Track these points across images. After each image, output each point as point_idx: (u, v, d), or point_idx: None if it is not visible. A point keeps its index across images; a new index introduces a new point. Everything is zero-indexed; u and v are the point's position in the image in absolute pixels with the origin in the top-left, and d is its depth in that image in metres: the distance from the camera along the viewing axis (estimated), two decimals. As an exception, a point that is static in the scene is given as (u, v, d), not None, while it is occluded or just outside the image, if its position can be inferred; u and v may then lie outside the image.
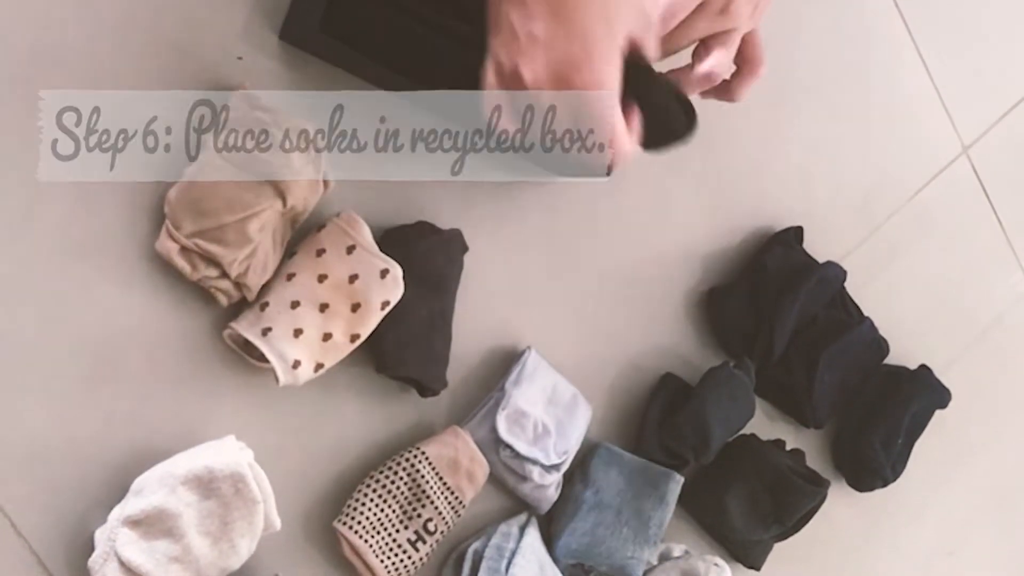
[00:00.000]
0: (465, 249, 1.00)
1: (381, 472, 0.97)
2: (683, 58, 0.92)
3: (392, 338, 0.94)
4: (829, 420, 1.25)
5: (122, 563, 0.81)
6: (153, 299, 0.88)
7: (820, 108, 1.25)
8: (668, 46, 0.95)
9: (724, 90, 0.98)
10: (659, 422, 1.13)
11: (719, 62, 0.93)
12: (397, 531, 0.96)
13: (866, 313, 1.26)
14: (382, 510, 0.96)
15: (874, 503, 1.34)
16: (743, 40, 0.98)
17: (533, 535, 1.04)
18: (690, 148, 1.01)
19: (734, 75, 0.99)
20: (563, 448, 1.04)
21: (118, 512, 0.83)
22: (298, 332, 0.89)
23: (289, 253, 0.92)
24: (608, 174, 1.02)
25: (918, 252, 1.35)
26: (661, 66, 0.95)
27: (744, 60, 0.99)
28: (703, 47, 0.95)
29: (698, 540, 1.20)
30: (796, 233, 1.21)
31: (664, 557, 1.12)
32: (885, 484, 1.29)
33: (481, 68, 0.90)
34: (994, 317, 1.44)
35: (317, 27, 0.87)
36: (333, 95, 0.94)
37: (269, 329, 0.88)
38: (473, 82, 0.93)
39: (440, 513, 0.98)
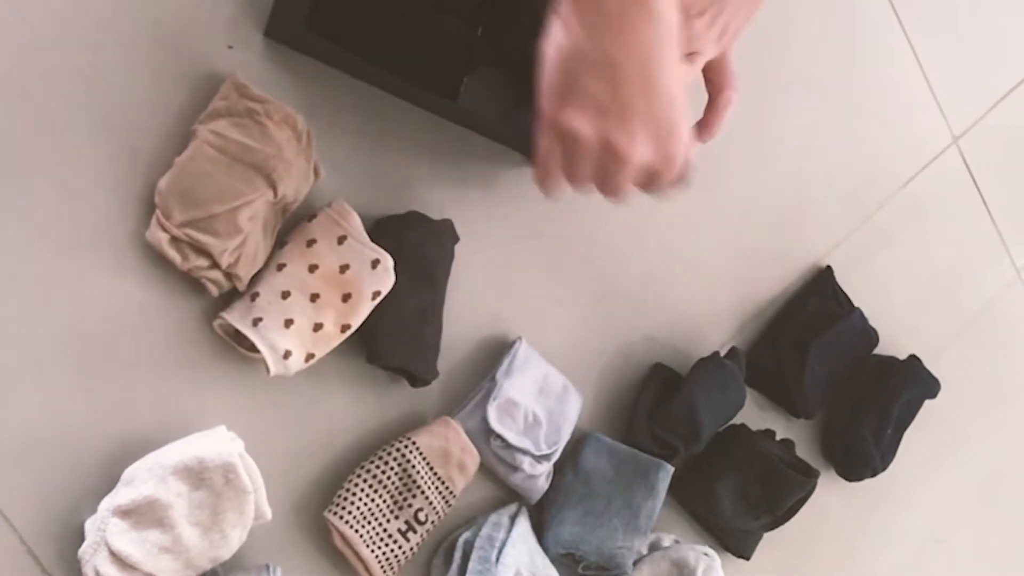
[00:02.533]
0: (456, 239, 1.00)
1: (372, 462, 0.97)
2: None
3: (383, 328, 0.94)
4: (819, 410, 1.26)
5: (112, 553, 0.81)
6: (143, 289, 0.88)
7: (811, 99, 1.25)
8: None
9: (700, 127, 0.97)
10: (649, 412, 1.13)
11: None
12: (388, 521, 0.96)
13: (856, 303, 1.26)
14: (373, 500, 0.96)
15: (864, 492, 1.34)
16: (711, 67, 0.97)
17: (524, 525, 1.05)
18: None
19: (706, 106, 0.98)
20: (553, 438, 1.05)
21: (108, 502, 0.83)
22: (289, 322, 0.89)
23: (280, 243, 0.92)
24: None
25: (908, 242, 1.36)
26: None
27: (712, 87, 0.98)
28: None
29: (688, 530, 1.20)
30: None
31: (654, 547, 1.12)
32: (875, 474, 1.30)
33: (462, 61, 0.90)
34: (983, 305, 1.44)
35: (303, 24, 0.86)
36: (323, 84, 0.94)
37: (260, 319, 0.88)
38: (457, 77, 0.94)
39: (431, 503, 0.98)
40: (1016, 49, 1.43)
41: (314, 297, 0.90)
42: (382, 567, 0.96)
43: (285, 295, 0.90)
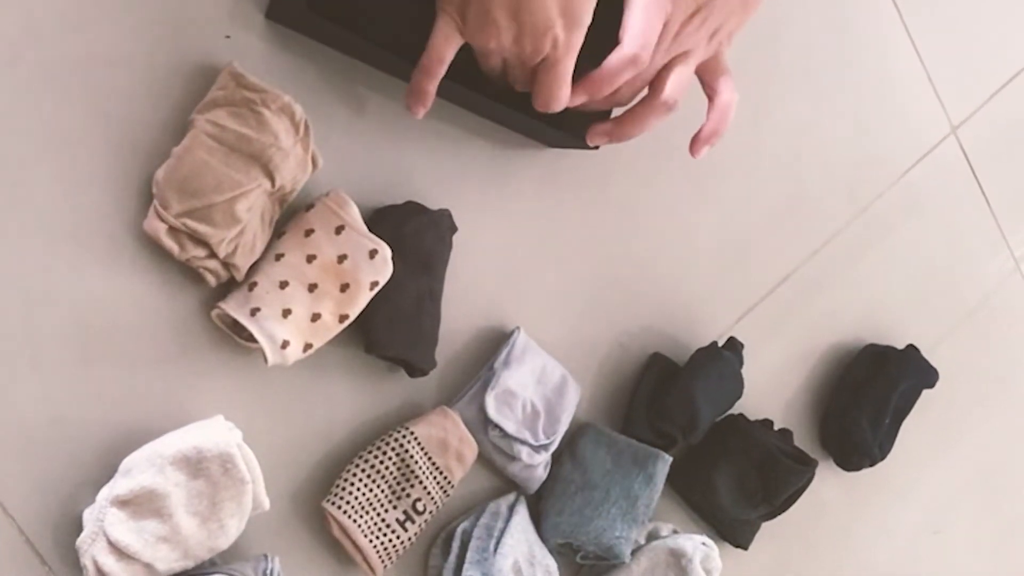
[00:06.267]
0: (454, 229, 1.00)
1: (370, 452, 0.97)
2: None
3: (381, 318, 0.94)
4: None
5: (110, 543, 0.81)
6: (141, 279, 0.88)
7: (808, 89, 1.25)
8: (635, 84, 0.94)
9: (703, 131, 0.97)
10: (647, 402, 1.13)
11: (671, 89, 0.92)
12: (386, 511, 0.97)
13: (854, 293, 1.27)
14: (371, 490, 0.96)
15: (861, 482, 1.34)
16: (704, 68, 0.97)
17: (522, 515, 1.05)
18: (679, 129, 1.01)
19: (707, 110, 0.98)
20: (552, 428, 1.05)
21: (106, 492, 0.83)
22: (287, 312, 0.89)
23: (277, 233, 0.92)
24: (597, 146, 1.02)
25: (906, 232, 1.36)
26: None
27: (708, 88, 0.98)
28: (655, 77, 0.94)
29: (686, 519, 1.21)
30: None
31: (652, 536, 1.12)
32: (872, 463, 1.30)
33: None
34: (982, 296, 1.45)
35: (304, 5, 0.86)
36: (321, 73, 0.94)
37: (258, 309, 0.88)
38: (460, 57, 0.93)
39: (429, 493, 0.98)
40: (1016, 38, 1.43)
41: (312, 287, 0.90)
42: (380, 557, 0.96)
43: (283, 285, 0.89)
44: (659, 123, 0.94)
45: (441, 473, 0.99)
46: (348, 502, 0.94)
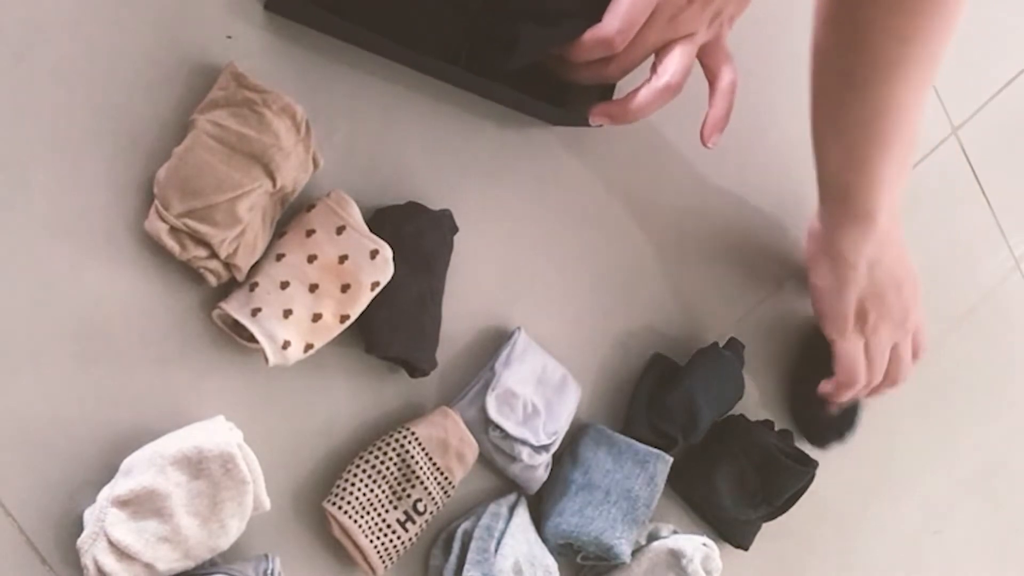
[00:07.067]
0: (455, 229, 1.00)
1: (370, 452, 0.97)
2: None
3: (382, 319, 0.94)
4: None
5: (111, 543, 0.81)
6: (142, 279, 0.88)
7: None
8: (624, 63, 0.94)
9: (709, 118, 0.98)
10: (648, 402, 1.13)
11: (675, 71, 0.93)
12: (387, 511, 0.96)
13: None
14: (371, 490, 0.96)
15: (861, 482, 1.34)
16: (704, 51, 0.97)
17: (522, 515, 1.05)
18: (682, 128, 1.01)
19: (709, 96, 0.98)
20: (552, 428, 1.05)
21: (107, 492, 0.83)
22: (288, 312, 0.89)
23: (279, 233, 0.92)
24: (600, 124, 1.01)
25: (906, 231, 1.35)
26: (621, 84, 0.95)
27: (708, 71, 0.98)
28: (658, 60, 0.95)
29: (687, 520, 1.20)
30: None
31: (652, 537, 1.12)
32: (841, 437, 1.28)
33: (464, 26, 0.90)
34: (981, 296, 1.44)
35: None
36: (324, 69, 0.94)
37: (259, 309, 0.88)
38: (458, 43, 0.93)
39: (429, 493, 0.98)
40: (1017, 39, 1.43)
41: (313, 287, 0.90)
42: (380, 557, 0.96)
43: (284, 285, 0.89)
44: (661, 106, 0.95)
45: (442, 473, 0.99)
46: (349, 502, 0.94)
